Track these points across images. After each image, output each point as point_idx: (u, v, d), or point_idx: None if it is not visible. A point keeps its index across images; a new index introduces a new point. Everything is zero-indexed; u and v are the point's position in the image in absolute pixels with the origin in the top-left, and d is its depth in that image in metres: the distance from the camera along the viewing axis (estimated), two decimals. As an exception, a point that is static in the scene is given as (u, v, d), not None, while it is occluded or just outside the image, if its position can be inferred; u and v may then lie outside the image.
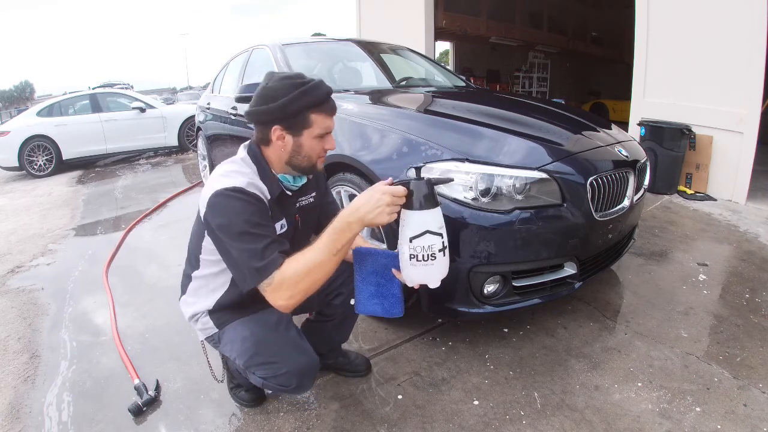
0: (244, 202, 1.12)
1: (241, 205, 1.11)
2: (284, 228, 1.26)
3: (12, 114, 21.61)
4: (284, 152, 1.21)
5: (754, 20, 3.27)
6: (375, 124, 1.87)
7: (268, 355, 1.26)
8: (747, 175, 3.54)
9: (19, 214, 4.39)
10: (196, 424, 1.45)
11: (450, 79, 3.24)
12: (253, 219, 1.12)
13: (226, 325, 1.33)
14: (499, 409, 1.45)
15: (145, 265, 2.80)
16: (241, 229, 1.10)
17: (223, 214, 1.11)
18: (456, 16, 9.57)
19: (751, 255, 2.57)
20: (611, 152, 1.83)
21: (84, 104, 7.31)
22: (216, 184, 1.14)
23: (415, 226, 1.10)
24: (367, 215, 1.08)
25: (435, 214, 1.11)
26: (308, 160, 1.24)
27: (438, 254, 1.11)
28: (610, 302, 2.07)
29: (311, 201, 1.39)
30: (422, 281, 1.15)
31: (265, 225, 1.15)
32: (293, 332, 1.32)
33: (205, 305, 1.33)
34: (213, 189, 1.14)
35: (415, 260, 1.11)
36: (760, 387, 1.50)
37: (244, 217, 1.10)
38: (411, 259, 1.12)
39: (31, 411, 1.57)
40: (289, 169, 1.25)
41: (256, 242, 1.09)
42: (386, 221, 1.09)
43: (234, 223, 1.10)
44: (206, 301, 1.33)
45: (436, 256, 1.11)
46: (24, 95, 48.83)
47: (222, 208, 1.12)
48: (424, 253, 1.11)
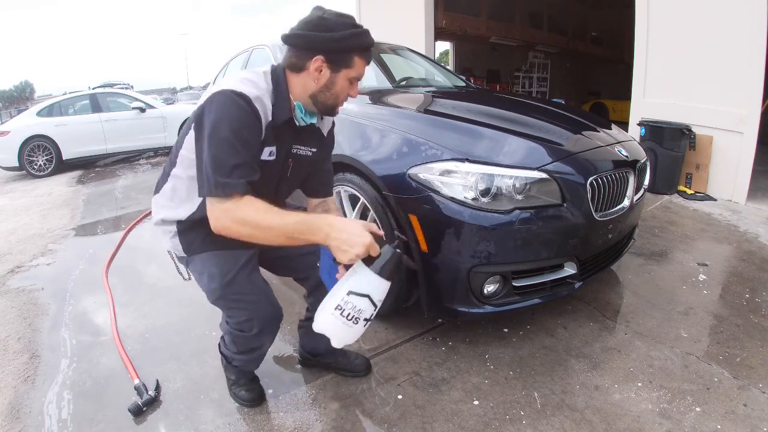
0: (243, 111, 1.09)
1: (238, 112, 1.09)
2: (272, 156, 1.21)
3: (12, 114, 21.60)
4: (315, 84, 1.19)
5: (754, 20, 3.27)
6: (375, 124, 1.87)
7: (234, 300, 1.27)
8: (747, 175, 3.54)
9: (19, 214, 4.39)
10: (196, 424, 1.45)
11: (450, 79, 3.24)
12: (242, 133, 1.09)
13: (195, 255, 1.30)
14: (499, 409, 1.45)
15: (145, 265, 2.80)
16: (225, 136, 1.07)
17: (217, 112, 1.08)
18: (456, 16, 9.57)
19: (751, 255, 2.57)
20: (611, 152, 1.83)
21: (84, 104, 7.31)
22: (226, 83, 1.12)
23: (362, 286, 1.05)
24: (337, 242, 1.04)
25: (385, 287, 1.06)
26: (334, 99, 1.22)
27: (361, 322, 1.06)
28: (610, 302, 2.07)
29: (309, 154, 1.33)
30: (328, 333, 1.09)
31: (250, 145, 1.12)
32: (259, 277, 1.31)
33: (177, 215, 1.29)
34: (221, 87, 1.11)
35: (339, 313, 1.05)
36: (760, 387, 1.50)
37: (235, 125, 1.08)
38: (336, 309, 1.05)
39: (31, 411, 1.57)
40: (310, 102, 1.22)
41: (231, 156, 1.07)
42: (342, 260, 1.06)
43: (222, 126, 1.07)
44: (179, 209, 1.29)
45: (359, 323, 1.06)
46: (24, 95, 48.83)
47: (219, 105, 1.09)
48: (351, 312, 1.05)
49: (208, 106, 1.10)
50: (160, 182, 1.36)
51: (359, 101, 2.28)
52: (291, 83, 1.21)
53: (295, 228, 1.07)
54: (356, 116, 2.00)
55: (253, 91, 1.12)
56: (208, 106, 1.11)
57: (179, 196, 1.29)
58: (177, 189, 1.29)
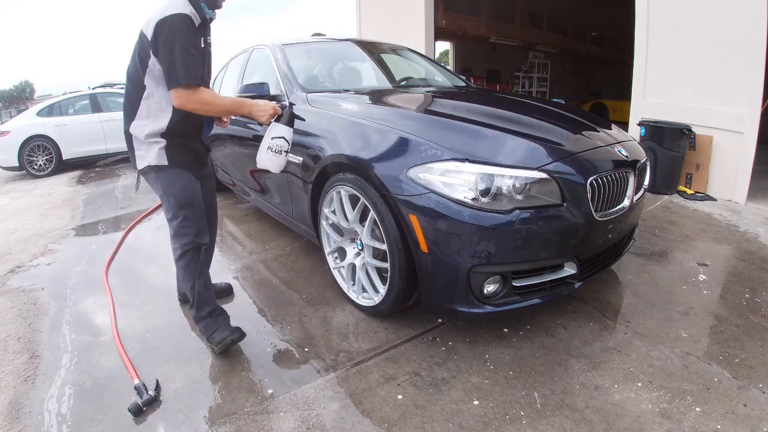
0: (188, 25, 1.55)
1: (186, 27, 1.54)
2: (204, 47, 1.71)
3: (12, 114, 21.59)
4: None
5: (754, 20, 3.27)
6: (375, 124, 1.87)
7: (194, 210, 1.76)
8: (747, 175, 3.54)
9: (19, 214, 4.39)
10: (196, 424, 1.45)
11: (450, 79, 3.23)
12: (193, 41, 1.57)
13: (175, 167, 1.74)
14: (499, 409, 1.45)
15: (144, 265, 2.80)
16: (184, 46, 1.54)
17: (171, 32, 1.52)
18: (456, 16, 9.57)
19: (751, 255, 2.57)
20: (611, 152, 1.83)
21: (84, 104, 7.31)
22: (164, 10, 1.54)
23: (278, 132, 1.82)
24: (257, 111, 1.76)
25: (290, 131, 1.85)
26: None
27: (283, 153, 1.85)
28: (610, 302, 2.07)
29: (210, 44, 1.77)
30: (267, 164, 1.86)
31: (198, 49, 1.61)
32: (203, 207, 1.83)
33: (160, 126, 1.69)
34: (163, 14, 1.53)
35: (270, 151, 1.83)
36: (760, 387, 1.50)
37: (187, 37, 1.55)
38: (267, 149, 1.83)
39: (31, 411, 1.57)
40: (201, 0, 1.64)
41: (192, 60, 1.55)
42: (262, 121, 1.79)
43: (179, 41, 1.53)
44: (160, 121, 1.69)
45: (282, 154, 1.84)
46: (24, 95, 48.79)
47: (172, 27, 1.52)
48: (276, 149, 1.83)
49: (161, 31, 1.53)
50: (129, 112, 1.72)
51: (359, 101, 2.28)
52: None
53: (232, 105, 1.79)
54: (356, 116, 2.00)
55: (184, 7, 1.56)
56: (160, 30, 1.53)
57: (155, 110, 1.69)
58: (151, 107, 1.69)
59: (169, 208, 1.76)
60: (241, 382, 1.64)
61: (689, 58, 3.80)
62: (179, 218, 1.74)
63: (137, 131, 1.72)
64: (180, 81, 1.54)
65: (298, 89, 2.44)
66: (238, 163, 3.24)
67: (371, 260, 1.91)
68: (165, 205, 1.78)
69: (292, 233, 3.09)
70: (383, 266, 1.84)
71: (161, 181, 1.74)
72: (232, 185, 3.68)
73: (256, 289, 2.35)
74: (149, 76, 1.64)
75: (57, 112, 7.06)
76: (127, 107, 1.74)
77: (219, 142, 3.71)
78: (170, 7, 1.55)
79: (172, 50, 1.52)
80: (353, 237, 2.05)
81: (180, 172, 1.75)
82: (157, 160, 1.71)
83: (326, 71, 2.96)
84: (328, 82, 2.83)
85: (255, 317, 2.08)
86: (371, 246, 1.89)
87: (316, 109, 2.22)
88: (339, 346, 1.81)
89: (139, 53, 1.64)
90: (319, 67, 2.97)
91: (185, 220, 1.74)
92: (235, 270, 2.60)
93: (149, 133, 1.69)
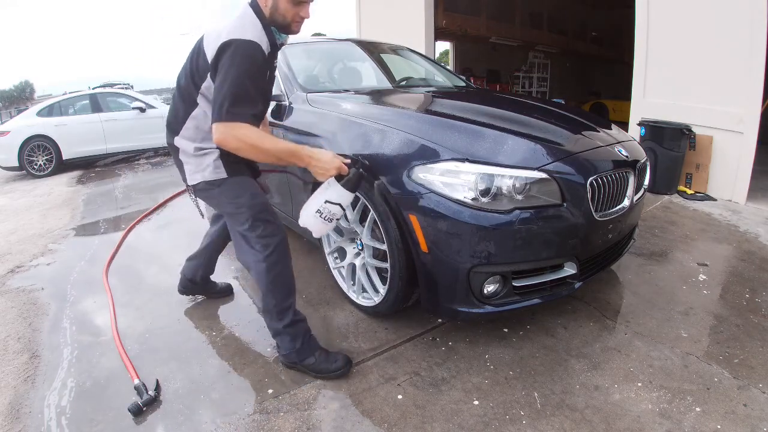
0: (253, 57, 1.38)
1: (250, 59, 1.38)
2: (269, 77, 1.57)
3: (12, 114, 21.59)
4: (266, 7, 1.46)
5: (754, 20, 3.27)
6: (375, 124, 1.87)
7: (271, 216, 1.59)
8: (747, 175, 3.54)
9: (19, 214, 4.39)
10: (196, 424, 1.45)
11: (450, 79, 3.23)
12: (255, 74, 1.41)
13: (236, 176, 1.57)
14: (499, 409, 1.45)
15: (145, 265, 2.80)
16: (242, 78, 1.36)
17: (232, 60, 1.36)
18: (456, 16, 9.58)
19: (751, 255, 2.57)
20: (611, 152, 1.83)
21: (84, 104, 7.30)
22: (231, 32, 1.38)
23: (335, 197, 1.50)
24: (315, 166, 1.47)
25: (350, 197, 1.53)
26: (282, 19, 1.47)
27: (334, 221, 1.56)
28: (610, 302, 2.07)
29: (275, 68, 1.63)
30: (311, 228, 1.57)
31: (258, 83, 1.45)
32: None
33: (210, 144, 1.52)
34: (228, 36, 1.37)
35: (319, 215, 1.53)
36: (760, 387, 1.50)
37: (249, 70, 1.38)
38: (316, 213, 1.53)
39: (31, 411, 1.57)
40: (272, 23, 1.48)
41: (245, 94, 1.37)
42: (321, 179, 1.50)
43: (238, 72, 1.35)
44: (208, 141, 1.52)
45: (332, 221, 1.55)
46: (24, 95, 48.75)
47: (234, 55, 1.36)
48: (327, 215, 1.53)
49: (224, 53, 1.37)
50: (174, 125, 1.59)
51: (359, 101, 2.28)
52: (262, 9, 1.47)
53: (285, 153, 1.45)
54: (356, 116, 2.00)
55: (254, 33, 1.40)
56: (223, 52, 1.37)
57: (202, 131, 1.54)
58: (199, 126, 1.55)
59: (243, 220, 1.55)
60: (241, 382, 1.64)
61: (689, 58, 3.80)
62: (260, 227, 1.55)
63: (183, 145, 1.57)
64: (223, 115, 1.35)
65: (298, 89, 2.44)
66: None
67: (371, 260, 1.91)
68: (237, 219, 1.57)
69: (292, 233, 3.08)
70: (383, 266, 1.84)
71: (225, 195, 1.57)
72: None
73: (256, 289, 2.35)
74: (202, 96, 1.50)
75: (57, 112, 7.05)
76: (172, 119, 1.60)
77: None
78: (238, 30, 1.39)
79: (226, 80, 1.35)
80: (353, 237, 2.05)
81: (243, 180, 1.59)
82: (213, 173, 1.55)
83: (326, 71, 2.96)
84: (328, 82, 2.83)
85: (255, 317, 2.08)
86: (371, 246, 1.89)
87: (316, 109, 2.22)
88: (339, 346, 1.81)
89: (194, 69, 1.50)
90: (319, 67, 2.97)
91: (267, 226, 1.56)
92: (235, 270, 2.60)
93: (198, 146, 1.55)
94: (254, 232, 1.55)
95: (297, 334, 1.63)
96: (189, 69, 1.52)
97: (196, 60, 1.49)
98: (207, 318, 2.10)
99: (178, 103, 1.57)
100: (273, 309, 1.61)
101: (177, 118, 1.57)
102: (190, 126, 1.55)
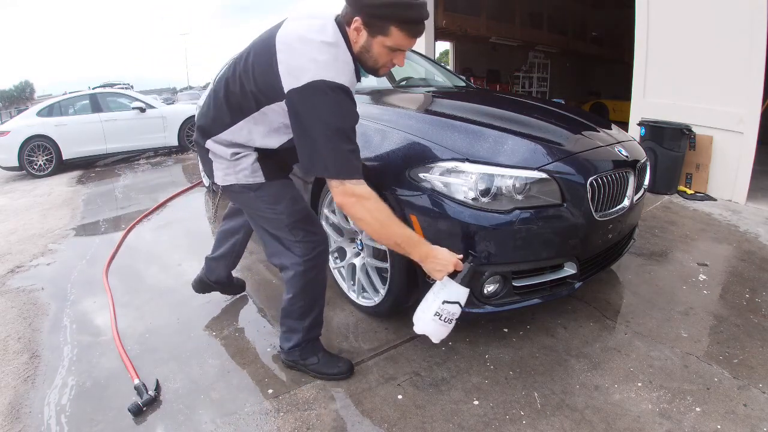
0: (346, 102, 1.20)
1: (343, 104, 1.19)
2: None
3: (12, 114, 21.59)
4: (356, 44, 1.27)
5: (754, 20, 3.27)
6: (375, 124, 1.87)
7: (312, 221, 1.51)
8: (747, 175, 3.54)
9: (19, 214, 4.39)
10: (196, 424, 1.45)
11: (450, 79, 3.23)
12: (350, 122, 1.23)
13: (274, 180, 1.45)
14: (499, 409, 1.45)
15: (145, 265, 2.80)
16: (337, 127, 1.19)
17: (323, 107, 1.17)
18: (456, 16, 9.58)
19: (751, 255, 2.57)
20: (611, 152, 1.83)
21: (84, 104, 7.30)
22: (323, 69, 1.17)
23: (453, 296, 1.37)
24: (433, 262, 1.35)
25: (467, 293, 1.39)
26: (373, 62, 1.30)
27: (453, 321, 1.40)
28: (610, 302, 2.07)
29: None
30: (430, 334, 1.42)
31: (354, 130, 1.25)
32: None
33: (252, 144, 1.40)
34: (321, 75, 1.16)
35: (438, 318, 1.38)
36: (760, 387, 1.50)
37: (341, 115, 1.20)
38: (434, 316, 1.37)
39: (31, 411, 1.57)
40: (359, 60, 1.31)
41: (347, 144, 1.20)
42: (437, 277, 1.37)
43: (332, 120, 1.18)
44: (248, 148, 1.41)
45: (452, 322, 1.40)
46: (24, 95, 48.76)
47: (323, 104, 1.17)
48: (447, 317, 1.38)
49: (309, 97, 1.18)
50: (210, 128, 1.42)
51: (359, 101, 2.28)
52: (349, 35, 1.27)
53: (406, 240, 1.33)
54: (356, 116, 2.00)
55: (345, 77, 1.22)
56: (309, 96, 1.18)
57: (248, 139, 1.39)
58: (245, 137, 1.39)
59: (282, 226, 1.46)
60: (241, 382, 1.64)
61: (689, 58, 3.80)
62: (300, 233, 1.46)
63: (218, 150, 1.42)
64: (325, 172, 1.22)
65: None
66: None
67: (371, 260, 1.91)
68: (274, 224, 1.48)
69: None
70: (383, 266, 1.84)
71: (263, 200, 1.46)
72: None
73: (256, 289, 2.35)
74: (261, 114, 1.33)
75: (57, 112, 7.05)
76: (209, 123, 1.42)
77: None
78: (330, 67, 1.18)
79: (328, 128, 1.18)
80: (353, 237, 2.05)
81: (282, 185, 1.47)
82: (251, 177, 1.42)
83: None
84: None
85: (255, 317, 2.08)
86: (371, 246, 1.88)
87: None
88: (339, 346, 1.81)
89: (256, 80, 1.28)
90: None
91: (307, 234, 1.48)
92: (235, 270, 2.60)
93: (236, 152, 1.41)
94: (294, 237, 1.47)
95: (309, 335, 1.62)
96: (248, 77, 1.30)
97: (261, 70, 1.26)
98: (207, 318, 2.10)
99: (222, 108, 1.38)
100: (298, 309, 1.56)
101: (216, 124, 1.40)
102: (232, 134, 1.39)
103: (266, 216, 1.48)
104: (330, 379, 1.61)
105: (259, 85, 1.28)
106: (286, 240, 1.48)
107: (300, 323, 1.58)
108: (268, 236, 1.52)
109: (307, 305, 1.56)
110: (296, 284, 1.51)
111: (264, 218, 1.50)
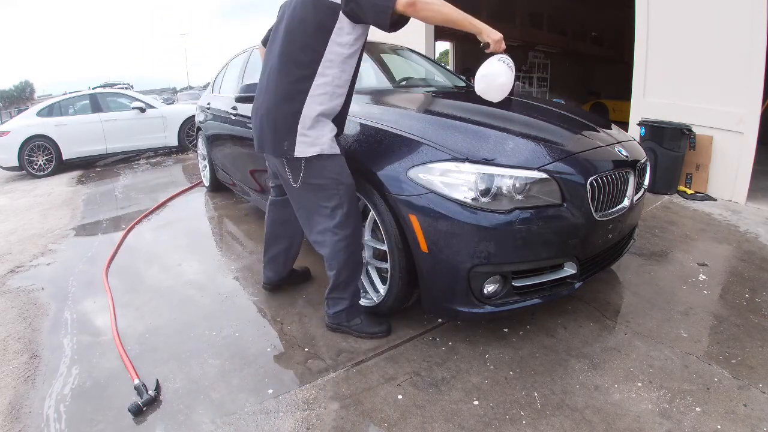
0: None
1: None
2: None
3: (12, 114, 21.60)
4: None
5: (754, 20, 3.27)
6: (375, 124, 1.87)
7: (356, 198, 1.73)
8: (747, 175, 3.54)
9: (19, 214, 4.39)
10: (196, 424, 1.45)
11: (450, 79, 3.23)
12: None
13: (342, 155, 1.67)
14: (499, 409, 1.45)
15: (145, 265, 2.80)
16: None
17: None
18: (456, 16, 9.55)
19: (751, 255, 2.57)
20: (611, 152, 1.83)
21: (84, 104, 7.30)
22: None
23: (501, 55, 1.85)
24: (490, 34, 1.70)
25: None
26: None
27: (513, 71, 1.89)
28: (610, 302, 2.07)
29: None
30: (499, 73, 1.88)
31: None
32: None
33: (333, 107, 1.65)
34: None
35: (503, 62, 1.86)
36: (760, 387, 1.50)
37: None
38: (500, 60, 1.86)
39: (31, 411, 1.57)
40: None
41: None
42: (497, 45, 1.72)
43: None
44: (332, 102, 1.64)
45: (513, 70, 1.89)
46: (24, 95, 48.75)
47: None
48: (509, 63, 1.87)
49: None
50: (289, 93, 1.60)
51: (359, 101, 2.28)
52: None
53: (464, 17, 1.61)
54: (356, 116, 1.99)
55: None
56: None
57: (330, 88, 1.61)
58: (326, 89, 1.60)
59: (333, 195, 1.65)
60: (241, 382, 1.64)
61: (689, 58, 3.80)
62: (346, 206, 1.66)
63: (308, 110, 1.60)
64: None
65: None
66: (239, 163, 3.24)
67: (371, 260, 1.91)
68: (325, 194, 1.67)
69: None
70: (383, 266, 1.84)
71: (329, 170, 1.64)
72: (232, 185, 3.68)
73: (257, 289, 2.35)
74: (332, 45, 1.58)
75: (57, 112, 7.05)
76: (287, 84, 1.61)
77: (219, 142, 3.72)
78: None
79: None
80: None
81: (343, 159, 1.68)
82: (330, 148, 1.63)
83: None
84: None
85: (255, 317, 2.08)
86: (371, 246, 1.89)
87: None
88: (339, 346, 1.81)
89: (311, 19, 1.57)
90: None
91: (352, 207, 1.68)
92: (235, 270, 2.60)
93: (322, 112, 1.61)
94: (341, 209, 1.66)
95: (353, 300, 1.84)
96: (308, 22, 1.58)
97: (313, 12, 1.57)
98: (207, 318, 2.10)
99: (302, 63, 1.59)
100: (344, 281, 1.77)
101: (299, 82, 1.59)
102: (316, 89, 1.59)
103: (324, 185, 1.66)
104: (372, 337, 1.82)
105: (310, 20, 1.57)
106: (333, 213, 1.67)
107: (345, 292, 1.80)
108: (309, 211, 1.75)
109: (351, 275, 1.78)
110: (340, 258, 1.72)
111: (318, 187, 1.67)
